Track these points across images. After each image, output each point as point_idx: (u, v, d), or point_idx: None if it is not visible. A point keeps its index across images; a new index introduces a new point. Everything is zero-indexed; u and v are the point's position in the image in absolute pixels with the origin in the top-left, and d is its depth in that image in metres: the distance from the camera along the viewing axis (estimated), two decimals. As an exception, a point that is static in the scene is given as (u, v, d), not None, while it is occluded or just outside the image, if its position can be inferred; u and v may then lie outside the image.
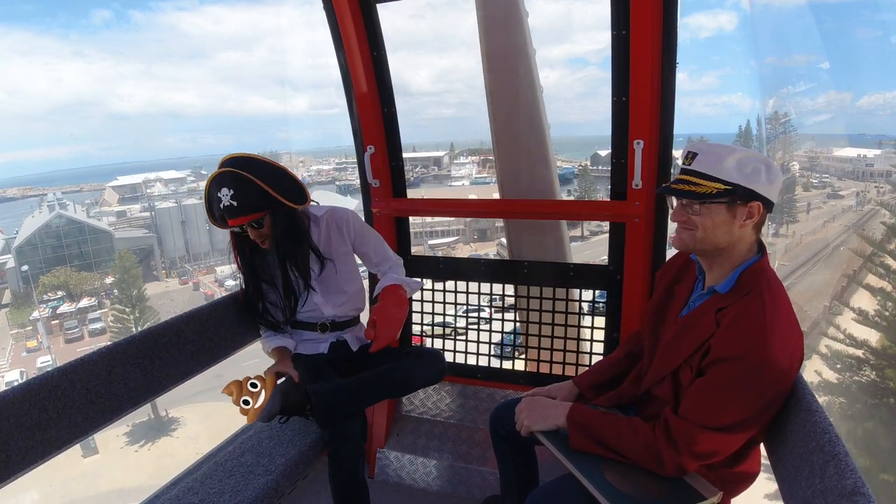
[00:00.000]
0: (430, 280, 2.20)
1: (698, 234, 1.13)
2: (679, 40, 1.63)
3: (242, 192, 1.51)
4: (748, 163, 1.09)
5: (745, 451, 1.17)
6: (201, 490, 1.53)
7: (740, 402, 1.06)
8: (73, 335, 30.34)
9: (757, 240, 1.16)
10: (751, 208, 1.10)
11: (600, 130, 45.04)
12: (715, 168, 1.10)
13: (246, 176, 1.51)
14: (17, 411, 1.22)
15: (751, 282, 1.11)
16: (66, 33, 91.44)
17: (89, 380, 1.38)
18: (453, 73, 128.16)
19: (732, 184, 1.09)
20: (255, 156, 1.58)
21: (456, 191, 42.27)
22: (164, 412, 21.89)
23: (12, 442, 1.20)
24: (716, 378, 1.08)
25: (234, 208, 1.52)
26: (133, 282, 26.95)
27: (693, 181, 1.11)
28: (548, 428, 1.27)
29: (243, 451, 1.69)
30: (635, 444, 1.14)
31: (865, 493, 0.78)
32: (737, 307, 1.09)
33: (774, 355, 1.03)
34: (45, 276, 32.78)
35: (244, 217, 1.54)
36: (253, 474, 1.58)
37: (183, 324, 1.67)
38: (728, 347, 1.06)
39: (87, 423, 1.37)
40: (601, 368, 1.45)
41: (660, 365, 1.21)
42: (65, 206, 37.33)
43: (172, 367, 1.61)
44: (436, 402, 2.16)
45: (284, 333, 1.79)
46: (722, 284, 1.14)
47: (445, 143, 53.60)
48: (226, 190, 1.50)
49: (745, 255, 1.15)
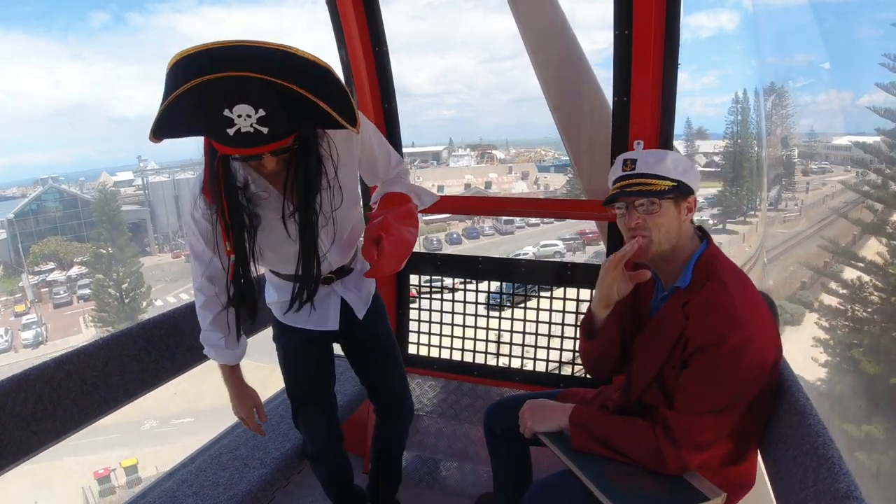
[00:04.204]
0: (427, 277, 2.21)
1: (654, 236, 1.17)
2: (680, 40, 1.63)
3: (279, 112, 0.95)
4: (680, 161, 1.18)
5: (741, 454, 1.19)
6: (196, 482, 1.53)
7: (730, 382, 1.09)
8: (61, 300, 31.31)
9: (696, 230, 1.21)
10: (689, 202, 1.19)
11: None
12: (658, 168, 1.17)
13: (289, 88, 0.93)
14: (13, 402, 1.22)
15: (707, 270, 1.16)
16: (64, 36, 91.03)
17: (85, 371, 1.38)
18: (453, 73, 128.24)
19: (677, 180, 1.16)
20: (289, 48, 0.94)
21: (454, 171, 45.72)
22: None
23: (7, 432, 1.20)
24: (701, 366, 1.11)
25: (261, 136, 0.96)
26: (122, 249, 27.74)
27: (645, 182, 1.16)
28: (550, 429, 1.29)
29: (238, 444, 1.69)
30: (637, 444, 1.16)
31: (858, 497, 0.79)
32: (701, 296, 1.13)
33: (750, 330, 1.08)
34: (35, 245, 33.77)
35: (273, 144, 0.99)
36: (248, 467, 1.58)
37: (180, 316, 1.66)
38: (705, 335, 1.10)
39: (82, 415, 1.37)
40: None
41: (642, 371, 1.23)
42: (59, 182, 38.12)
43: (169, 359, 1.61)
44: (431, 399, 2.16)
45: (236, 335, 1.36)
46: (680, 280, 1.19)
47: (445, 142, 53.95)
48: (246, 108, 0.92)
49: (692, 247, 1.20)
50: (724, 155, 36.03)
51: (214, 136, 0.99)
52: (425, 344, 2.22)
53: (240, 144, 0.97)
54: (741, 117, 34.89)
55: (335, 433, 1.56)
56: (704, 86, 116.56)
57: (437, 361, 2.19)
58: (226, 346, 1.35)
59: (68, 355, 1.37)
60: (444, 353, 2.18)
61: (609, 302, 1.25)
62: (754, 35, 31.23)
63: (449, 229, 36.53)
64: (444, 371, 2.16)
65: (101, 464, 16.90)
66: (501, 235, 35.61)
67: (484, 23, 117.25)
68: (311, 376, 1.50)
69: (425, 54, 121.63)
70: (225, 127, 0.94)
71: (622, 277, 1.22)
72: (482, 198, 2.56)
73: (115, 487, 17.45)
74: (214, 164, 1.10)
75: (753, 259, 26.21)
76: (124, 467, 17.14)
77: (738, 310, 1.09)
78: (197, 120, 0.97)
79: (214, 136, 0.99)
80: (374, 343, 1.55)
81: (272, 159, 1.06)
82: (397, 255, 1.22)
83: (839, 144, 24.58)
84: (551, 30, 2.18)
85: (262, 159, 1.05)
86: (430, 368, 2.19)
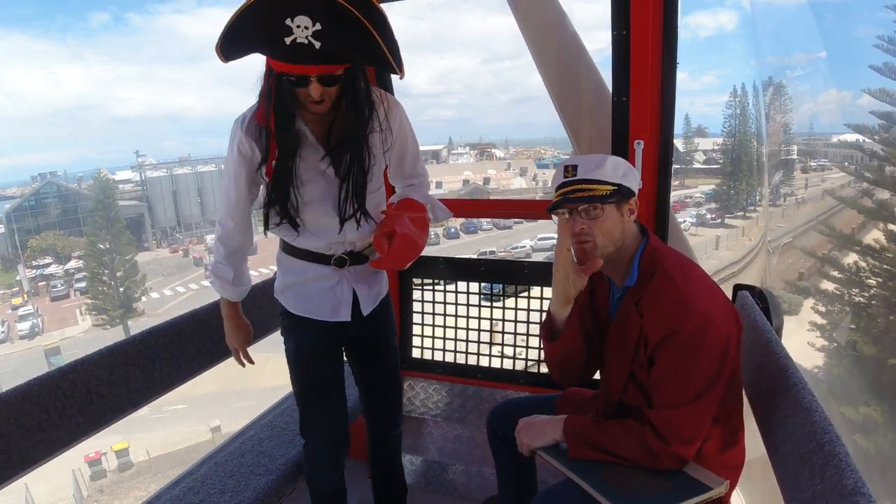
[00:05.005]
0: (430, 280, 2.20)
1: (598, 240, 1.18)
2: (679, 39, 1.63)
3: (334, 30, 1.02)
4: (619, 165, 1.20)
5: (732, 435, 1.21)
6: (202, 490, 1.54)
7: (698, 368, 1.11)
8: (58, 293, 31.75)
9: (637, 228, 1.23)
10: (631, 204, 1.21)
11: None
12: (598, 173, 1.18)
13: (349, 10, 1.01)
14: (18, 412, 1.22)
15: (651, 264, 1.18)
16: (63, 37, 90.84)
17: (90, 380, 1.38)
18: (453, 73, 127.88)
19: (617, 184, 1.18)
20: None
21: (452, 167, 47.81)
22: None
23: (13, 442, 1.20)
24: (666, 359, 1.13)
25: (314, 51, 1.03)
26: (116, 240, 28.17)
27: (586, 188, 1.17)
28: (547, 443, 1.29)
29: (244, 451, 1.70)
30: (630, 444, 1.17)
31: (865, 493, 0.78)
32: (650, 291, 1.15)
33: (703, 313, 1.10)
34: (33, 240, 34.25)
35: (324, 66, 1.08)
36: (254, 474, 1.59)
37: (184, 324, 1.66)
38: (661, 328, 1.12)
39: (87, 424, 1.37)
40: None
41: (614, 375, 1.25)
42: (56, 177, 38.49)
43: (174, 367, 1.61)
44: (436, 403, 2.16)
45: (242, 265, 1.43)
46: (629, 278, 1.21)
47: (444, 142, 54.13)
48: (306, 20, 1.00)
49: (634, 245, 1.21)
50: (722, 151, 36.07)
51: (273, 46, 1.06)
52: (429, 347, 2.22)
53: (293, 58, 1.05)
54: (739, 111, 34.91)
55: (345, 436, 1.52)
56: (704, 85, 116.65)
57: (440, 365, 2.19)
58: (233, 282, 1.41)
59: (72, 364, 1.37)
60: (448, 357, 2.18)
61: (567, 296, 1.24)
62: (753, 34, 31.21)
63: (447, 224, 36.58)
64: (448, 374, 2.17)
65: (93, 448, 16.93)
66: (499, 230, 35.63)
67: (483, 23, 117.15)
68: (325, 371, 1.47)
69: (425, 54, 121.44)
70: (283, 35, 1.01)
71: (574, 270, 1.21)
72: (481, 201, 2.53)
73: (106, 471, 17.66)
74: (270, 80, 1.16)
75: (755, 251, 26.37)
76: (115, 451, 17.29)
77: (686, 296, 1.11)
78: (261, 28, 1.04)
79: (273, 46, 1.06)
80: (378, 349, 1.55)
81: (318, 88, 1.12)
82: (405, 254, 1.28)
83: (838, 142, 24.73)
84: (552, 26, 2.18)
85: (309, 86, 1.11)
86: (433, 372, 2.19)
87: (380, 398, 1.61)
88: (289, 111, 1.20)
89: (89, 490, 17.10)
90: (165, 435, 17.22)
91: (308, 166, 1.27)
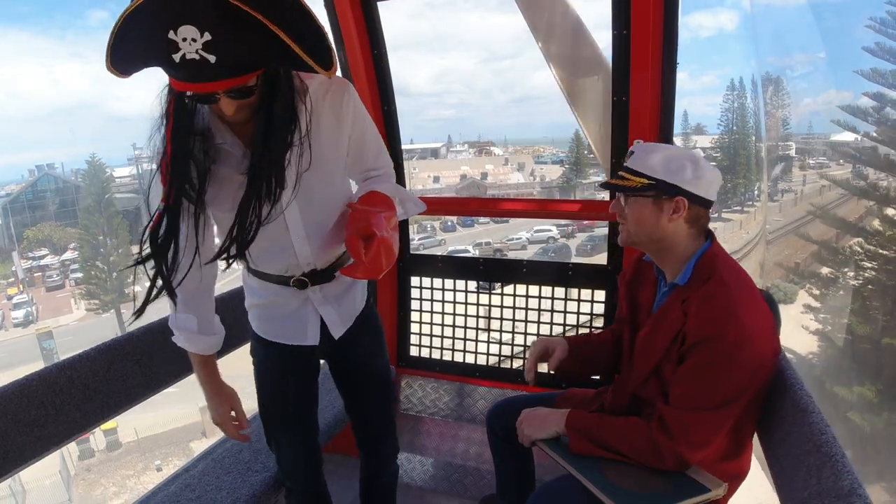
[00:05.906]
0: (428, 279, 2.20)
1: (630, 227, 1.22)
2: (679, 39, 1.63)
3: (228, 37, 0.80)
4: (674, 159, 1.16)
5: (738, 448, 1.20)
6: (198, 487, 1.53)
7: (726, 379, 1.09)
8: (54, 283, 31.85)
9: (700, 231, 1.22)
10: (676, 203, 1.16)
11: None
12: (642, 164, 1.18)
13: (242, 10, 0.79)
14: (15, 407, 1.21)
15: (707, 268, 1.16)
16: (62, 34, 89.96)
17: (87, 376, 1.37)
18: (453, 73, 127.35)
19: (656, 179, 1.16)
20: None
21: (450, 163, 47.10)
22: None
23: (9, 438, 1.20)
24: (698, 361, 1.11)
25: (209, 67, 0.81)
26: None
27: (625, 176, 1.19)
28: (548, 436, 1.29)
29: (241, 447, 1.69)
30: (634, 442, 1.17)
31: (861, 495, 0.79)
32: (700, 293, 1.13)
33: (749, 327, 1.08)
34: (29, 231, 34.26)
35: (227, 80, 0.86)
36: (251, 471, 1.58)
37: None
38: (703, 330, 1.10)
39: (84, 420, 1.37)
40: (590, 341, 1.49)
41: (640, 366, 1.24)
42: (53, 168, 38.44)
43: (171, 363, 1.60)
44: (434, 401, 2.17)
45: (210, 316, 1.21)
46: (680, 277, 1.20)
47: (444, 140, 54.18)
48: (191, 30, 0.78)
49: (692, 247, 1.20)
50: (719, 146, 36.10)
51: (162, 64, 0.85)
52: (427, 346, 2.22)
53: (188, 76, 0.84)
54: (737, 104, 34.89)
55: (312, 460, 1.37)
56: (704, 85, 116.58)
57: (438, 363, 2.19)
58: (199, 330, 1.19)
59: (70, 360, 1.36)
60: (446, 355, 2.19)
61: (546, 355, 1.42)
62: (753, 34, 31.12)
63: (444, 217, 36.55)
64: (446, 372, 2.17)
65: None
66: (496, 223, 35.62)
67: (483, 23, 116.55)
68: (288, 398, 1.31)
69: (425, 54, 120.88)
70: (170, 52, 0.80)
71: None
72: (479, 199, 2.53)
73: (94, 451, 17.69)
74: (169, 99, 0.94)
75: (752, 243, 26.56)
76: (103, 430, 17.23)
77: (738, 308, 1.09)
78: (148, 44, 0.83)
79: (162, 64, 0.85)
80: (363, 376, 1.38)
81: (231, 103, 0.91)
82: (383, 263, 1.06)
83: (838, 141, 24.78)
84: (560, 19, 2.18)
85: (219, 101, 0.91)
86: (431, 370, 2.19)
87: (367, 435, 1.47)
88: (191, 136, 0.98)
89: (76, 469, 17.15)
90: (155, 416, 17.24)
91: (230, 192, 1.03)
